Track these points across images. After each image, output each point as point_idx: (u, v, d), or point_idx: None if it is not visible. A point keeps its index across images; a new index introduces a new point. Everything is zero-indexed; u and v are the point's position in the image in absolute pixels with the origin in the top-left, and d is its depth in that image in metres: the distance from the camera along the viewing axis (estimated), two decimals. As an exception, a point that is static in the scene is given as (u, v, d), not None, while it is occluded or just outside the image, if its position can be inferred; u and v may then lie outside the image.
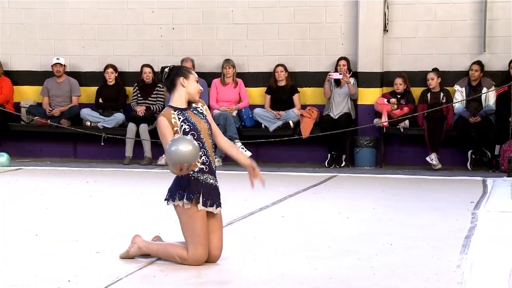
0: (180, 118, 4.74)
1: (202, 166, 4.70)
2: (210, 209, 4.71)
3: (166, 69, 4.89)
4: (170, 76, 4.86)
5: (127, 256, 4.85)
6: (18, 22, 11.57)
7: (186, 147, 4.40)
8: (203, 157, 4.69)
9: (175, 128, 4.70)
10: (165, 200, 4.76)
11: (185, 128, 4.71)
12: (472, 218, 6.46)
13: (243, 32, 11.11)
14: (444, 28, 10.72)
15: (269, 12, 11.04)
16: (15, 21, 11.57)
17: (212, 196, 4.73)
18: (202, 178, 4.71)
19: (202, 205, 4.67)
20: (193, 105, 4.85)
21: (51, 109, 11.18)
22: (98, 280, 4.33)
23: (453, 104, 10.37)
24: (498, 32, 10.58)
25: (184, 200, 4.63)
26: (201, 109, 4.87)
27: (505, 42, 10.54)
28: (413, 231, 5.90)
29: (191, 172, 4.64)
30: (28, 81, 11.60)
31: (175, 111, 4.77)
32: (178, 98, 4.83)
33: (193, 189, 4.66)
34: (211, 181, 4.76)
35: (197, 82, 4.90)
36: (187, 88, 4.81)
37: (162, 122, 4.71)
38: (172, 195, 4.71)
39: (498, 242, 5.50)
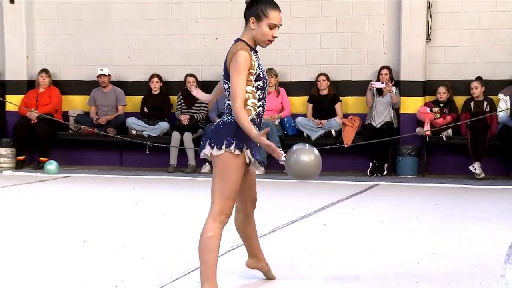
0: (256, 60, 4.18)
1: (254, 117, 4.16)
2: (256, 164, 4.22)
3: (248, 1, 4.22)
4: (246, 11, 4.22)
5: None
6: (66, 33, 11.73)
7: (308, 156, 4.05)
8: (259, 103, 4.18)
9: (251, 70, 4.10)
10: (208, 148, 4.11)
11: (259, 74, 4.15)
12: (516, 227, 6.41)
13: (286, 42, 11.14)
14: (488, 36, 10.63)
15: (311, 21, 11.06)
16: (64, 32, 11.74)
17: (258, 151, 4.22)
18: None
19: (252, 157, 4.15)
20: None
21: (98, 118, 11.30)
22: (144, 286, 4.39)
23: (497, 113, 10.28)
24: (542, 41, 10.48)
25: (233, 147, 4.04)
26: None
27: (549, 51, 10.43)
28: (456, 240, 5.87)
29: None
30: (76, 91, 11.74)
31: (251, 51, 4.17)
32: (249, 38, 4.22)
33: (242, 139, 4.08)
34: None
35: (273, 27, 4.22)
36: (255, 32, 4.18)
37: (244, 56, 4.07)
38: (218, 142, 4.07)
39: (542, 252, 5.45)
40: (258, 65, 4.17)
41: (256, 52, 4.24)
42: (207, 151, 4.12)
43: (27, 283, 4.49)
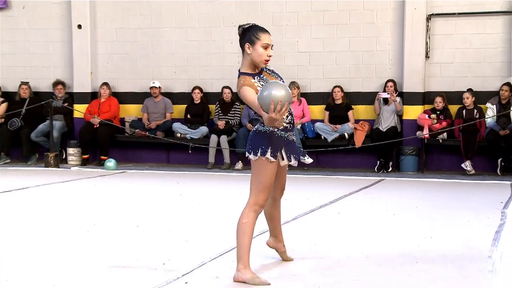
0: (260, 81, 4.05)
1: (287, 125, 4.08)
2: (291, 162, 4.16)
3: (240, 30, 4.13)
4: (241, 41, 4.12)
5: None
6: (124, 52, 11.84)
7: (279, 91, 3.67)
8: (289, 117, 4.09)
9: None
10: (247, 153, 4.10)
11: None
12: (501, 216, 6.35)
13: (306, 59, 11.15)
14: (477, 54, 10.56)
15: (328, 42, 11.06)
16: (121, 52, 11.85)
17: (293, 151, 4.14)
18: (285, 135, 4.08)
19: (287, 159, 4.10)
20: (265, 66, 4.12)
21: (149, 123, 11.38)
22: (187, 264, 4.41)
23: (485, 119, 10.21)
24: (524, 58, 10.39)
25: (268, 156, 4.00)
26: (271, 68, 4.21)
27: (531, 66, 10.35)
28: (450, 226, 5.84)
29: (276, 130, 4.03)
30: (131, 100, 11.84)
31: (254, 78, 4.06)
32: (248, 65, 4.10)
33: (276, 146, 4.04)
34: (292, 137, 4.15)
35: (266, 47, 4.03)
36: (252, 54, 4.05)
37: (247, 91, 3.95)
38: (254, 149, 4.04)
39: (524, 237, 5.40)
40: (263, 83, 4.00)
41: (259, 74, 4.10)
42: (247, 154, 4.14)
43: (91, 258, 4.54)
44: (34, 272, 4.22)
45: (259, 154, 4.03)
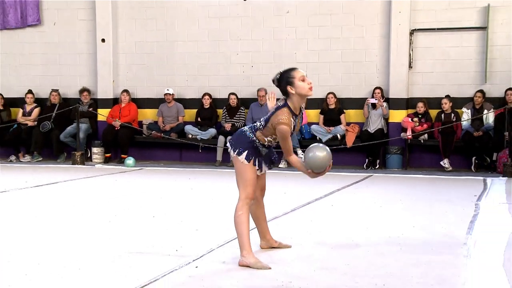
0: (293, 123, 4.07)
1: (267, 143, 4.13)
2: (262, 170, 4.16)
3: (275, 81, 4.10)
4: (281, 86, 4.07)
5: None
6: (141, 63, 11.84)
7: (322, 153, 3.95)
8: (271, 140, 4.13)
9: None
10: (229, 147, 4.19)
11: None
12: (475, 207, 6.34)
13: (303, 68, 10.90)
14: (455, 65, 10.54)
15: (323, 54, 11.05)
16: (140, 63, 11.85)
17: (264, 161, 4.18)
18: (261, 149, 4.13)
19: (258, 167, 4.12)
20: (302, 108, 4.14)
21: (163, 125, 11.39)
22: (197, 250, 4.40)
23: (461, 122, 10.19)
24: (496, 68, 10.36)
25: (243, 157, 4.07)
26: (302, 113, 4.19)
27: (501, 76, 10.33)
28: (430, 217, 5.83)
29: (257, 142, 4.10)
30: (148, 105, 11.83)
31: (293, 117, 4.04)
32: (293, 103, 4.05)
33: (252, 153, 4.09)
34: (265, 151, 4.15)
35: (304, 79, 4.04)
36: (296, 91, 4.02)
37: (285, 130, 3.96)
38: (234, 146, 4.12)
39: (495, 226, 5.38)
40: (294, 126, 4.08)
41: (296, 116, 4.09)
42: (229, 149, 4.18)
43: (113, 245, 4.54)
44: (62, 256, 4.22)
45: (236, 153, 4.10)
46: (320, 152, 4.00)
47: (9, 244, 4.63)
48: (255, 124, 4.18)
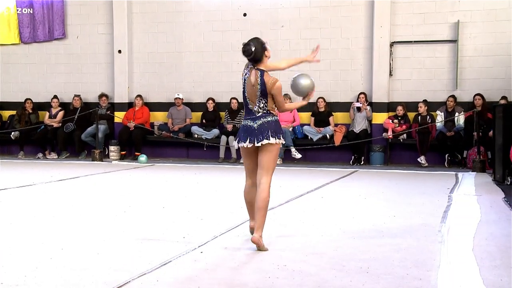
0: None
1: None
2: (241, 144, 4.03)
3: (250, 51, 3.99)
4: (258, 53, 4.02)
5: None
6: (153, 71, 11.80)
7: (305, 81, 4.15)
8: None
9: None
10: (269, 138, 4.02)
11: None
12: (448, 199, 6.32)
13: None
14: (429, 73, 10.52)
15: (314, 63, 10.97)
16: (151, 71, 11.80)
17: (246, 135, 4.03)
18: (244, 123, 4.09)
19: (237, 143, 4.09)
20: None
21: (173, 126, 11.35)
22: (202, 237, 4.38)
23: (436, 123, 10.17)
24: (465, 76, 10.34)
25: (282, 140, 4.07)
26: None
27: (470, 83, 10.31)
28: (409, 207, 5.81)
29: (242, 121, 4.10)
30: (159, 109, 11.78)
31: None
32: (265, 65, 4.11)
33: (238, 134, 4.12)
34: (250, 123, 4.04)
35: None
36: (269, 54, 4.14)
37: (280, 84, 4.06)
38: (278, 134, 4.06)
39: (466, 215, 5.36)
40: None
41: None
42: (266, 141, 4.04)
43: (128, 232, 4.52)
44: (82, 243, 4.19)
45: (276, 139, 3.99)
46: (304, 80, 4.20)
47: (36, 231, 4.60)
48: (261, 112, 4.03)
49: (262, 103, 4.06)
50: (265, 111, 4.06)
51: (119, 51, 11.73)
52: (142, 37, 11.80)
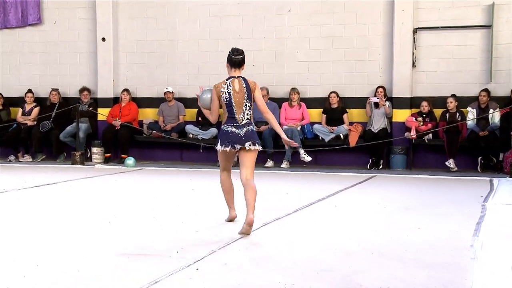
0: None
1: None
2: (226, 149, 5.18)
3: (241, 59, 5.33)
4: (243, 62, 5.37)
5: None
6: (142, 62, 11.81)
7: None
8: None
9: None
10: (256, 145, 5.19)
11: None
12: (481, 208, 6.29)
13: (306, 67, 11.10)
14: (459, 64, 10.49)
15: (325, 52, 11.01)
16: (140, 61, 11.82)
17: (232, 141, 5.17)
18: (229, 130, 5.18)
19: (220, 146, 5.22)
20: None
21: (164, 125, 11.36)
22: (198, 252, 4.36)
23: (467, 122, 10.14)
24: (501, 67, 10.31)
25: (217, 146, 5.26)
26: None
27: (506, 74, 10.27)
28: (435, 218, 5.79)
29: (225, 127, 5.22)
30: (148, 105, 11.80)
31: None
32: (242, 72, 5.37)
33: (223, 139, 5.21)
34: (236, 131, 5.17)
35: None
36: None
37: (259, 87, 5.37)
38: (257, 142, 5.22)
39: (502, 227, 5.34)
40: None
41: None
42: (256, 146, 5.23)
43: (113, 247, 4.51)
44: (61, 258, 4.18)
45: (258, 146, 5.20)
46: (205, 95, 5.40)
47: (7, 245, 4.60)
48: (244, 120, 5.19)
49: (248, 107, 5.20)
50: (248, 120, 5.21)
51: (103, 39, 11.74)
52: (129, 23, 11.81)
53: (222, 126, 5.23)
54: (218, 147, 5.21)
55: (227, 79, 5.24)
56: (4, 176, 9.04)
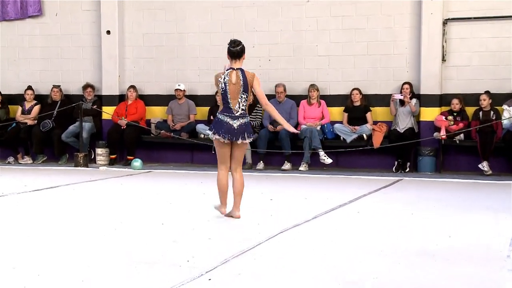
0: None
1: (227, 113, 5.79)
2: (219, 137, 5.72)
3: (240, 50, 6.00)
4: (243, 53, 6.01)
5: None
6: (149, 56, 11.87)
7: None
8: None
9: None
10: (247, 138, 5.79)
11: None
12: (518, 215, 6.24)
13: (326, 62, 11.09)
14: (494, 57, 10.42)
15: (347, 46, 10.98)
16: (147, 56, 11.87)
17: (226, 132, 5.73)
18: (224, 120, 5.72)
19: (213, 134, 5.79)
20: None
21: (174, 124, 11.39)
22: (210, 261, 4.37)
23: (502, 121, 10.06)
24: (540, 61, 10.24)
25: (210, 134, 5.83)
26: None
27: (546, 69, 10.20)
28: (468, 226, 5.75)
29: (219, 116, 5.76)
30: (157, 103, 11.85)
31: None
32: (241, 64, 5.95)
33: (217, 127, 5.75)
34: (230, 121, 5.72)
35: None
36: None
37: (259, 79, 5.91)
38: (250, 135, 5.80)
39: (541, 236, 5.29)
40: None
41: None
42: (246, 140, 5.86)
43: (119, 255, 4.53)
44: (64, 267, 4.21)
45: (248, 138, 5.81)
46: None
47: (6, 253, 4.63)
48: (239, 111, 5.72)
49: (243, 99, 5.72)
50: (243, 111, 5.73)
51: (108, 32, 11.81)
52: (135, 15, 11.87)
53: (217, 113, 5.80)
54: (211, 135, 5.78)
55: (226, 70, 5.82)
56: (3, 179, 9.12)
